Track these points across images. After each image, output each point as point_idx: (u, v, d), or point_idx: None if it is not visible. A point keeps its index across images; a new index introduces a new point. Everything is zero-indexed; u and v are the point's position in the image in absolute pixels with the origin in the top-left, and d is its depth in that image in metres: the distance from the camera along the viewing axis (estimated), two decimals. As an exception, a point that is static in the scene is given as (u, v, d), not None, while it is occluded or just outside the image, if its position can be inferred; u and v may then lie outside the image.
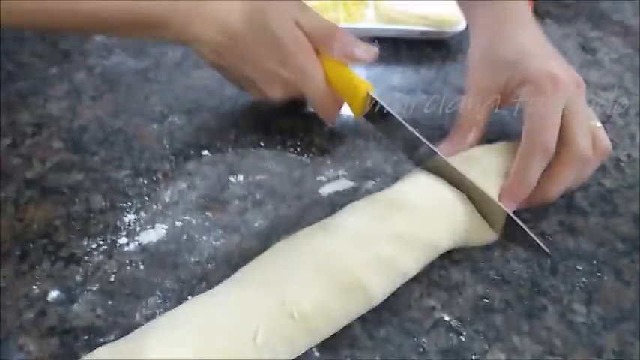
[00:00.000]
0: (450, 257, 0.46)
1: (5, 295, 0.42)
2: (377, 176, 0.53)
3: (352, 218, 0.42)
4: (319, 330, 0.37)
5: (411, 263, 0.41)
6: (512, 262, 0.46)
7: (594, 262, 0.46)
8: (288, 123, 0.59)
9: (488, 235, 0.46)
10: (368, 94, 0.49)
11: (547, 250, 0.45)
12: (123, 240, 0.46)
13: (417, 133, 0.48)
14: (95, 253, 0.45)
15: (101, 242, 0.46)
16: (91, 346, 0.38)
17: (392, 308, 0.42)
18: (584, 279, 0.44)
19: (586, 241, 0.48)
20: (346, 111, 0.54)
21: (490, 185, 0.46)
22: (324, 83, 0.50)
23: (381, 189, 0.49)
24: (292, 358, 0.36)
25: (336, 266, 0.38)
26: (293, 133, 0.58)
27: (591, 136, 0.46)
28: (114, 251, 0.45)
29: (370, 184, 0.53)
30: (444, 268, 0.45)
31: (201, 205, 0.50)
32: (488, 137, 0.52)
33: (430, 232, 0.42)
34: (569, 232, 0.48)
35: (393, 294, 0.42)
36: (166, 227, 0.47)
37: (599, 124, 0.48)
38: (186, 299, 0.41)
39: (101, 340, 0.39)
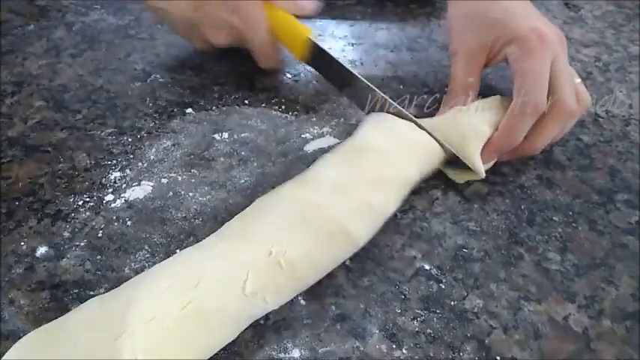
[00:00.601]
0: (431, 210, 0.47)
1: (-7, 251, 0.42)
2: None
3: (327, 169, 0.43)
4: (306, 277, 0.38)
5: (389, 202, 0.43)
6: (492, 215, 0.47)
7: (570, 213, 0.47)
8: (272, 81, 0.59)
9: (443, 155, 0.48)
10: (309, 38, 0.50)
11: (482, 174, 0.47)
12: (109, 197, 0.46)
13: (361, 77, 0.49)
14: (82, 210, 0.45)
15: (87, 199, 0.46)
16: (81, 299, 0.39)
17: (375, 259, 0.43)
18: (559, 229, 0.46)
19: (563, 194, 0.49)
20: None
21: (479, 134, 0.47)
22: (267, 31, 0.52)
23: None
24: (280, 305, 0.38)
25: (319, 216, 0.39)
26: (277, 91, 0.58)
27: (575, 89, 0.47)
28: (100, 208, 0.45)
29: (354, 140, 0.53)
30: (426, 220, 0.46)
31: (187, 163, 0.50)
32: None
33: (400, 170, 0.45)
34: (547, 185, 0.50)
35: (376, 245, 0.43)
36: (152, 184, 0.48)
37: (578, 80, 0.49)
38: (175, 253, 0.41)
39: (91, 293, 0.39)
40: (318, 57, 0.51)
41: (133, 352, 0.32)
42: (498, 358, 0.37)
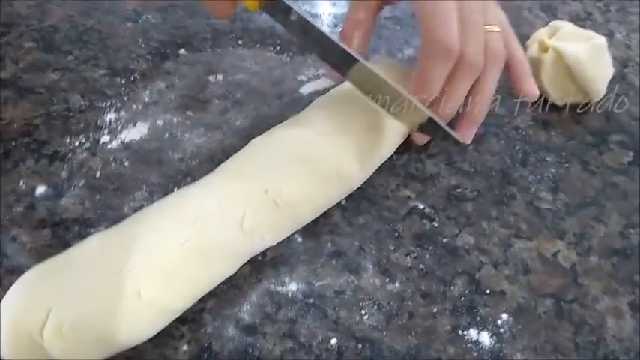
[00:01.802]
0: (426, 151, 0.47)
1: (-8, 191, 0.42)
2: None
3: (322, 111, 0.43)
4: (302, 215, 0.39)
5: (383, 146, 0.43)
6: (486, 155, 0.47)
7: (563, 154, 0.48)
8: (266, 20, 0.58)
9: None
10: None
11: (458, 139, 0.42)
12: (105, 138, 0.46)
13: (325, 32, 0.40)
14: (78, 151, 0.45)
15: (83, 140, 0.46)
16: (82, 237, 0.39)
17: (370, 199, 0.44)
18: (552, 169, 0.47)
19: (557, 135, 0.49)
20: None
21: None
22: None
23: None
24: (277, 242, 0.39)
25: (314, 156, 0.40)
26: (272, 32, 0.57)
27: (484, 40, 0.41)
28: (97, 149, 0.46)
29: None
30: (421, 161, 0.47)
31: (182, 104, 0.50)
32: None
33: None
34: (542, 127, 0.50)
35: (372, 185, 0.44)
36: (148, 126, 0.48)
37: (496, 29, 0.43)
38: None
39: (91, 230, 0.40)
40: (273, 9, 0.41)
41: (135, 285, 0.33)
42: (488, 291, 0.39)
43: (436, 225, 0.42)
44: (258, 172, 0.39)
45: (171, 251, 0.35)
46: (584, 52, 0.49)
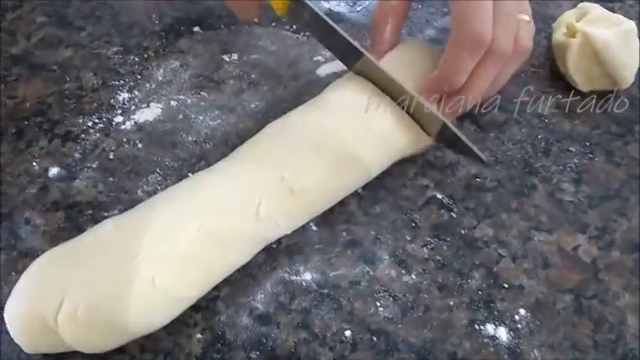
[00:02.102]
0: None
1: (5, 171, 0.42)
2: (375, 56, 0.52)
3: (341, 94, 0.42)
4: (318, 202, 0.38)
5: (403, 134, 0.41)
6: (507, 144, 0.46)
7: (587, 143, 0.46)
8: (283, -2, 0.56)
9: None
10: None
11: (482, 157, 0.40)
12: (119, 119, 0.46)
13: (344, 34, 0.41)
14: (92, 131, 0.45)
15: (97, 120, 0.45)
16: (96, 220, 0.39)
17: (387, 187, 0.43)
18: (575, 160, 0.45)
19: (581, 124, 0.48)
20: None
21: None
22: None
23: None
24: (292, 230, 0.38)
25: (332, 142, 0.38)
26: (289, 10, 0.55)
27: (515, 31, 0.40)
28: (110, 130, 0.45)
29: (369, 64, 0.51)
30: (440, 149, 0.45)
31: (196, 85, 0.48)
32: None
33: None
34: (566, 115, 0.48)
35: (389, 174, 0.43)
36: (161, 106, 0.47)
37: (527, 19, 0.42)
38: (187, 177, 0.41)
39: (105, 214, 0.40)
40: (300, 11, 0.42)
41: (149, 272, 0.32)
42: (506, 285, 0.38)
43: (454, 215, 0.41)
44: (274, 158, 0.38)
45: (186, 238, 0.34)
46: (613, 37, 0.47)
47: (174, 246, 0.34)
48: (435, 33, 0.54)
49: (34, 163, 0.42)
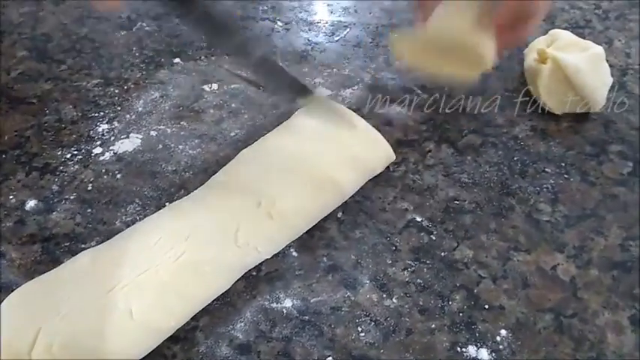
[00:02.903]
0: (423, 162, 0.47)
1: (-18, 205, 0.42)
2: (355, 84, 0.53)
3: (310, 119, 0.42)
4: (296, 226, 0.39)
5: (374, 156, 0.42)
6: (484, 166, 0.47)
7: (562, 164, 0.47)
8: (262, 29, 0.57)
9: None
10: None
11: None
12: (97, 150, 0.46)
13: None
14: (70, 163, 0.45)
15: (75, 152, 0.45)
16: (73, 252, 0.39)
17: (367, 211, 0.43)
18: (551, 180, 0.46)
19: (556, 145, 0.49)
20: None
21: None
22: None
23: (359, 96, 0.50)
24: (272, 254, 0.38)
25: (306, 165, 0.39)
26: (268, 40, 0.56)
27: None
28: (89, 161, 0.45)
29: (348, 92, 0.52)
30: (418, 172, 0.46)
31: (176, 115, 0.49)
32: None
33: None
34: (541, 137, 0.49)
35: (368, 198, 0.43)
36: (141, 137, 0.47)
37: None
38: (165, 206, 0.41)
39: (82, 246, 0.40)
40: None
41: (127, 303, 0.32)
42: (487, 306, 0.38)
43: (434, 238, 0.42)
44: (250, 185, 0.38)
45: (164, 268, 0.34)
46: (583, 62, 0.48)
47: (152, 276, 0.34)
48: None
49: (11, 197, 0.42)
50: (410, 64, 0.48)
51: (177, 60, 0.54)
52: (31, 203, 0.42)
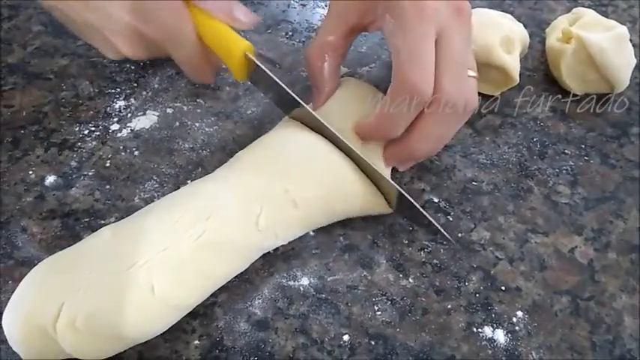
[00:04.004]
0: (441, 142, 0.46)
1: (2, 180, 0.42)
2: (372, 62, 0.52)
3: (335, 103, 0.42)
4: (318, 216, 0.39)
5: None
6: (503, 147, 0.46)
7: (582, 146, 0.47)
8: (278, 5, 0.56)
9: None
10: (246, 55, 0.40)
11: (448, 236, 0.40)
12: (115, 126, 0.46)
13: (300, 101, 0.40)
14: (88, 139, 0.45)
15: (93, 128, 0.45)
16: (93, 228, 0.39)
17: (383, 191, 0.43)
18: (571, 162, 0.45)
19: (577, 126, 0.48)
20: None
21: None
22: (195, 43, 0.39)
23: (376, 75, 0.49)
24: (289, 240, 0.38)
25: (329, 161, 0.39)
26: (284, 17, 0.55)
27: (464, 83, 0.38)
28: (107, 137, 0.45)
29: (365, 69, 0.51)
30: (437, 153, 0.45)
31: (192, 92, 0.49)
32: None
33: None
34: (561, 118, 0.49)
35: (385, 178, 0.43)
36: (158, 114, 0.47)
37: (473, 74, 0.39)
38: (184, 184, 0.42)
39: (102, 222, 0.40)
40: (259, 76, 0.41)
41: (149, 280, 0.32)
42: (503, 287, 0.38)
43: (451, 219, 0.42)
44: (276, 169, 0.38)
45: (186, 246, 0.34)
46: (607, 42, 0.47)
47: (173, 254, 0.34)
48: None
49: (31, 172, 0.42)
50: None
51: (193, 36, 0.53)
52: (50, 179, 0.42)
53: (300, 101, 0.40)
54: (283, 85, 0.40)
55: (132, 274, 0.32)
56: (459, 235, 0.41)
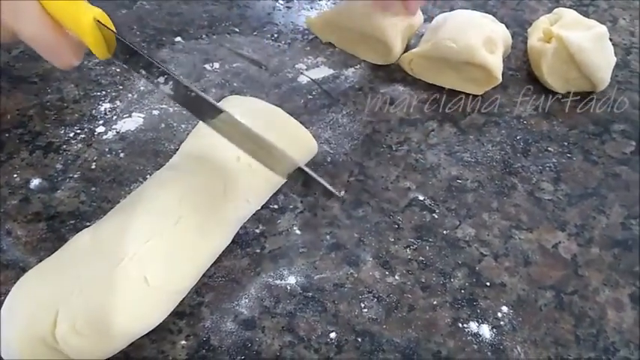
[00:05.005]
0: (426, 141, 0.47)
1: (-14, 184, 0.42)
2: (357, 63, 0.53)
3: None
4: (275, 178, 0.38)
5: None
6: (487, 145, 0.47)
7: (565, 143, 0.47)
8: (264, 7, 0.57)
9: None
10: (97, 22, 0.35)
11: (337, 193, 0.37)
12: (100, 129, 0.46)
13: (168, 71, 0.35)
14: (73, 142, 0.45)
15: (78, 131, 0.45)
16: (78, 230, 0.39)
17: (369, 190, 0.43)
18: (554, 159, 0.46)
19: (559, 124, 0.49)
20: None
21: None
22: (39, 16, 0.35)
23: (362, 76, 0.50)
24: (261, 204, 0.40)
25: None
26: (270, 18, 0.56)
27: None
28: (92, 140, 0.45)
29: (350, 71, 0.52)
30: (421, 152, 0.46)
31: (178, 94, 0.49)
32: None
33: None
34: (544, 116, 0.49)
35: (371, 177, 0.44)
36: (143, 116, 0.47)
37: None
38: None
39: (87, 224, 0.40)
40: (124, 50, 0.36)
41: (140, 272, 0.33)
42: (488, 283, 0.38)
43: (436, 216, 0.42)
44: (222, 147, 0.37)
45: (167, 234, 0.34)
46: (587, 41, 0.48)
47: (158, 242, 0.34)
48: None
49: (15, 175, 0.42)
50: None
51: (178, 39, 0.53)
52: (35, 182, 0.42)
53: (169, 71, 0.35)
54: (149, 57, 0.35)
55: (122, 270, 0.32)
56: (444, 232, 0.41)
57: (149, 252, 0.33)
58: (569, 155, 0.47)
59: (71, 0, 0.35)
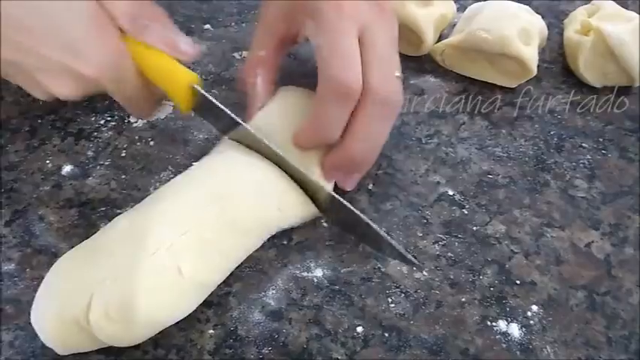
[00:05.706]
0: (457, 135, 0.46)
1: (19, 169, 0.42)
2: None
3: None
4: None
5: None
6: (519, 140, 0.46)
7: (600, 139, 0.46)
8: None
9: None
10: (193, 87, 0.38)
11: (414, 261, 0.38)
12: (131, 117, 0.46)
13: (248, 127, 0.39)
14: (104, 129, 0.45)
15: (109, 118, 0.46)
16: (109, 217, 0.39)
17: (398, 184, 0.43)
18: (588, 156, 0.45)
19: (594, 120, 0.47)
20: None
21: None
22: (135, 78, 0.37)
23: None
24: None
25: None
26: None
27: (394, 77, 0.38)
28: (123, 127, 0.45)
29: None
30: (451, 145, 0.45)
31: (207, 82, 0.49)
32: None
33: None
34: (579, 111, 0.48)
35: (400, 170, 0.43)
36: (173, 104, 0.47)
37: (397, 73, 0.38)
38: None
39: (118, 211, 0.40)
40: (205, 106, 0.39)
41: (175, 262, 0.33)
42: (518, 281, 0.38)
43: (466, 212, 0.41)
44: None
45: (205, 226, 0.35)
46: (627, 34, 0.46)
47: (195, 236, 0.34)
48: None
49: (48, 161, 0.43)
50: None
51: (207, 26, 0.53)
52: (67, 168, 0.42)
53: (242, 122, 0.39)
54: (231, 113, 0.39)
55: (157, 259, 0.33)
56: (474, 228, 0.40)
57: (185, 243, 0.33)
58: (604, 152, 0.45)
59: (169, 64, 0.37)
